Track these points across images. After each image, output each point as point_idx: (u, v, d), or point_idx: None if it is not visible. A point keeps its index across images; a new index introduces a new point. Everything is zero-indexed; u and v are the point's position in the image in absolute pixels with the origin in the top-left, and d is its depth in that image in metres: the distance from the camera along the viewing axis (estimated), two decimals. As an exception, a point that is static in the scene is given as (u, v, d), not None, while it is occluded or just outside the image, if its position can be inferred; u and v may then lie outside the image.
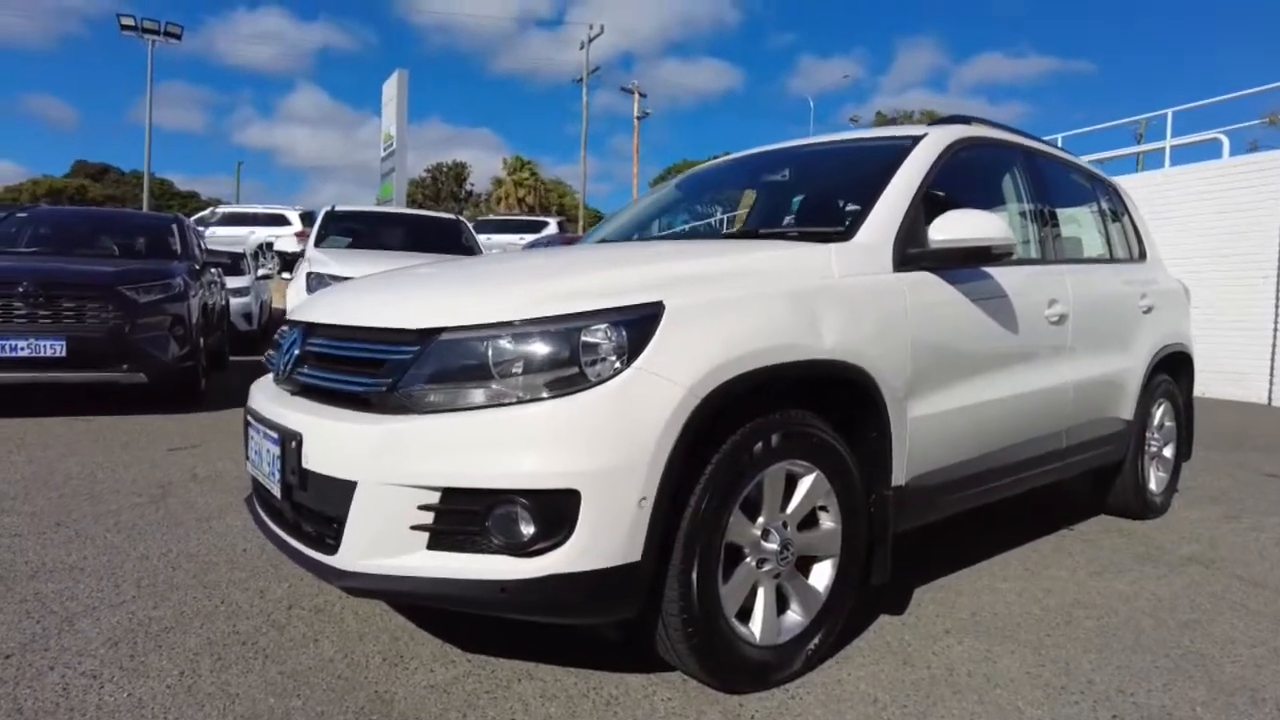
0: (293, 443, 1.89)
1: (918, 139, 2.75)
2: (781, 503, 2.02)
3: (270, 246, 16.75)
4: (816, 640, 2.08)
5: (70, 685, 1.88)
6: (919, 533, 2.56)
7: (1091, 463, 3.38)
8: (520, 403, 1.70)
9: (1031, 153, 3.34)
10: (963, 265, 2.51)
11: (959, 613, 2.52)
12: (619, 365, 1.73)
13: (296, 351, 2.14)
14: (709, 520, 1.82)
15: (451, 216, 9.09)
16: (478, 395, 1.73)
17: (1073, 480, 3.46)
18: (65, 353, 5.27)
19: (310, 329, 2.15)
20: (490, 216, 29.99)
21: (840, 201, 2.99)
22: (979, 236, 2.38)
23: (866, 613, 2.43)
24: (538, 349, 1.74)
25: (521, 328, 1.75)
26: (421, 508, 1.71)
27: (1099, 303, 3.32)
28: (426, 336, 1.79)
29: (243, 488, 3.28)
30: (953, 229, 2.40)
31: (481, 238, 12.12)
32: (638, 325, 1.77)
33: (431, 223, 8.71)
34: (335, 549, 1.81)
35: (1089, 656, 2.24)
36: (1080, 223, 3.73)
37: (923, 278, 2.41)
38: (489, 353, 1.75)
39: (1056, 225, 3.30)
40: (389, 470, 1.72)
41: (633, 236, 3.38)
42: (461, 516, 1.71)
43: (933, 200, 2.57)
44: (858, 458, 2.15)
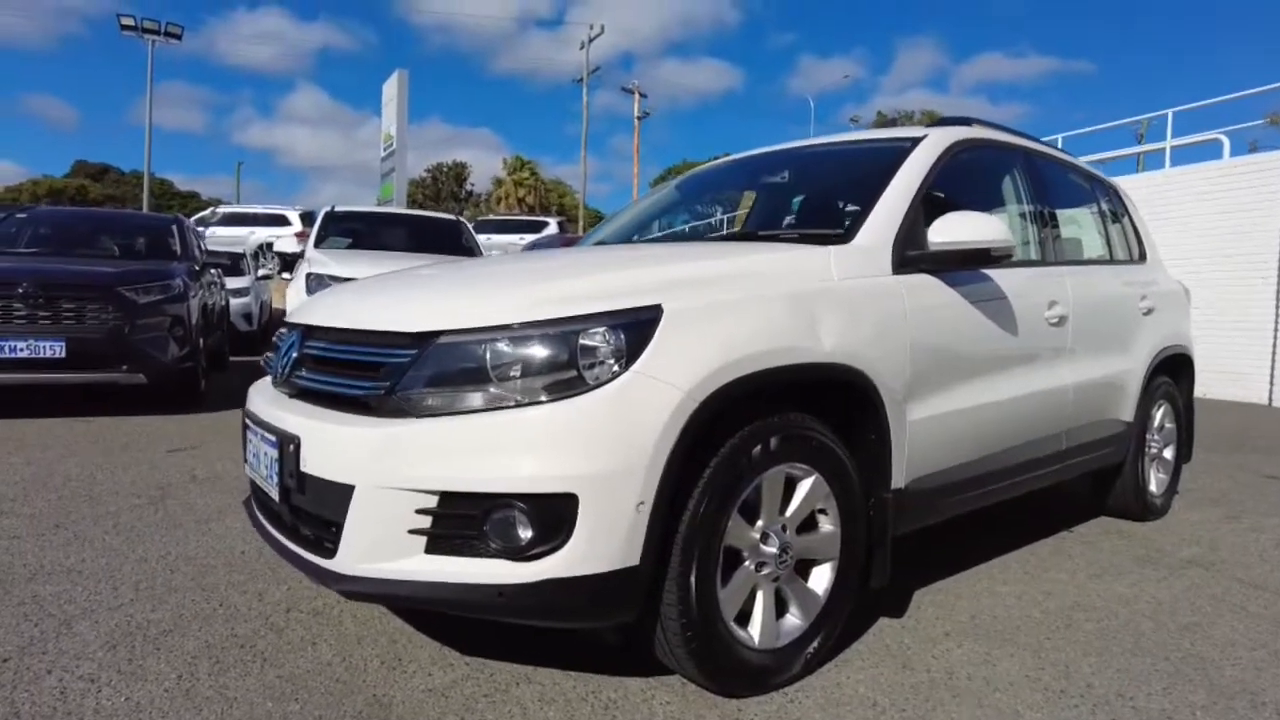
0: (291, 446, 1.89)
1: (917, 140, 2.74)
2: (780, 506, 2.01)
3: (270, 247, 16.74)
4: (815, 644, 2.07)
5: (68, 689, 1.88)
6: (918, 535, 2.56)
7: (1091, 465, 3.38)
8: (518, 406, 1.70)
9: (1031, 154, 3.33)
10: (962, 267, 2.51)
11: (958, 615, 2.52)
12: (617, 369, 1.72)
13: (294, 354, 2.13)
14: (707, 524, 1.82)
15: (451, 217, 9.11)
16: (475, 399, 1.72)
17: (1072, 482, 3.45)
18: (65, 353, 5.27)
19: (308, 332, 2.14)
20: (490, 216, 30.00)
21: (840, 203, 2.99)
22: (978, 239, 2.38)
23: (866, 615, 2.42)
24: (536, 352, 1.73)
25: (519, 331, 1.75)
26: (419, 511, 1.70)
27: (1099, 304, 3.32)
28: (424, 340, 1.79)
29: (241, 489, 3.27)
30: (952, 231, 2.39)
31: (482, 238, 12.14)
32: (636, 328, 1.76)
33: (431, 223, 8.72)
34: (333, 553, 1.80)
35: (1089, 660, 2.24)
36: (1080, 224, 3.72)
37: (922, 280, 2.41)
38: (487, 356, 1.74)
39: (1056, 226, 3.30)
40: (387, 474, 1.72)
41: (632, 238, 3.37)
42: (459, 520, 1.70)
43: (933, 201, 2.57)
44: (857, 460, 2.15)
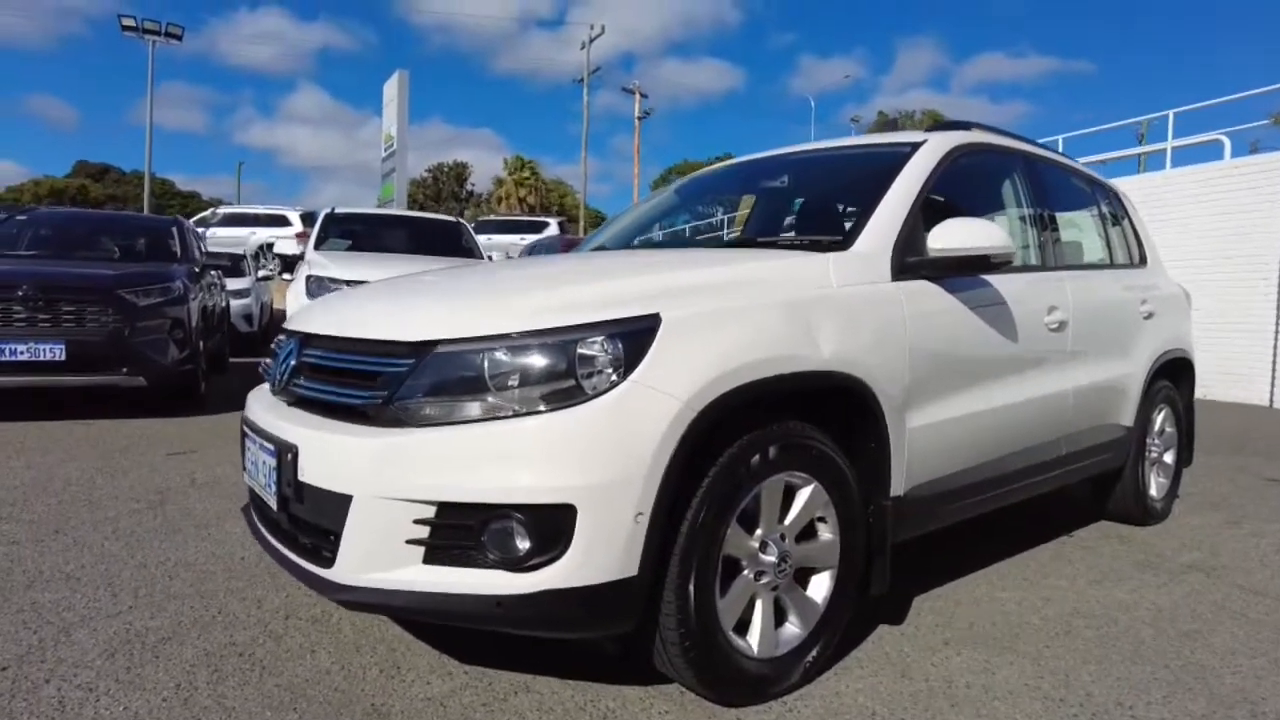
0: (289, 455, 1.89)
1: (917, 145, 2.73)
2: (779, 515, 2.01)
3: (271, 247, 16.74)
4: (815, 652, 2.07)
5: (66, 698, 1.88)
6: (918, 541, 2.55)
7: (1091, 470, 3.37)
8: (516, 416, 1.69)
9: (1031, 158, 3.33)
10: (961, 273, 2.51)
11: (958, 623, 2.51)
12: (615, 378, 1.72)
13: (293, 362, 2.13)
14: (706, 533, 1.82)
15: (451, 219, 9.13)
16: (473, 408, 1.72)
17: (1073, 486, 3.45)
18: (65, 356, 5.28)
19: (306, 340, 2.14)
20: (491, 217, 30.01)
21: (839, 209, 2.98)
22: (977, 245, 2.37)
23: (865, 623, 2.42)
24: (534, 362, 1.73)
25: (518, 340, 1.74)
26: (417, 522, 1.70)
27: (1099, 309, 3.31)
28: (422, 349, 1.79)
29: (241, 493, 3.27)
30: (951, 238, 2.38)
31: (482, 238, 12.16)
32: (634, 338, 1.76)
33: (431, 225, 8.73)
34: (331, 562, 1.80)
35: (1088, 668, 2.23)
36: (1080, 228, 3.72)
37: (921, 286, 2.40)
38: (485, 365, 1.74)
39: (1056, 231, 3.29)
40: (384, 484, 1.71)
41: (631, 243, 3.37)
42: (457, 531, 1.70)
43: (932, 206, 2.56)
44: (856, 468, 2.15)
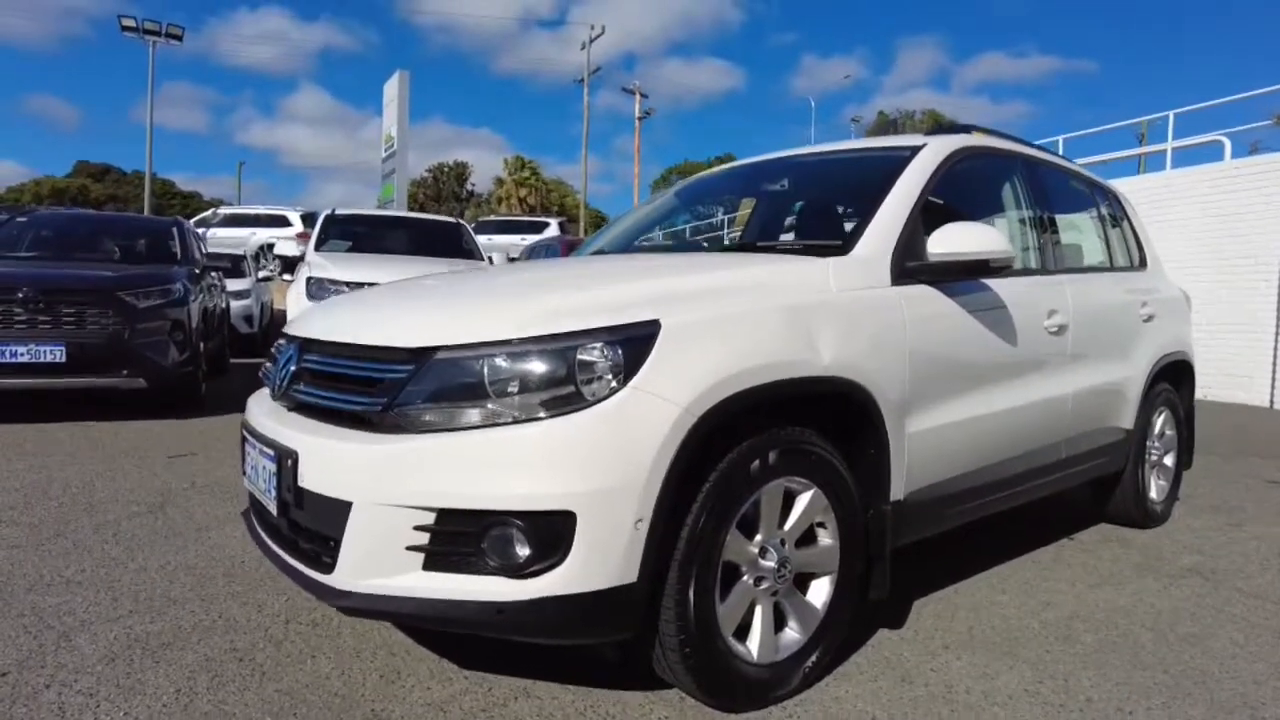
0: (289, 461, 1.89)
1: (917, 149, 2.73)
2: (779, 520, 2.01)
3: (271, 248, 16.74)
4: (814, 657, 2.07)
5: (66, 704, 1.88)
6: (917, 543, 2.55)
7: (1091, 473, 3.38)
8: (516, 423, 1.70)
9: (1031, 161, 3.33)
10: (961, 278, 2.51)
11: (958, 627, 2.51)
12: (615, 384, 1.72)
13: (293, 368, 2.13)
14: (706, 539, 1.82)
15: (452, 220, 9.16)
16: (473, 415, 1.72)
17: (1073, 489, 3.44)
18: (65, 358, 5.28)
19: (306, 345, 2.14)
20: (491, 217, 30.00)
21: (839, 212, 2.98)
22: (977, 250, 2.37)
23: (865, 627, 2.42)
24: (534, 368, 1.73)
25: (517, 346, 1.74)
26: (417, 528, 1.70)
27: (1099, 312, 3.31)
28: (422, 355, 1.79)
29: (241, 496, 3.27)
30: (951, 242, 2.39)
31: (482, 238, 12.17)
32: (634, 344, 1.76)
33: (431, 226, 8.73)
34: (331, 568, 1.80)
35: (1088, 673, 2.23)
36: (1080, 230, 3.72)
37: (921, 291, 2.40)
38: (485, 372, 1.74)
39: (1056, 234, 3.29)
40: (384, 490, 1.71)
41: (631, 246, 3.37)
42: (457, 538, 1.70)
43: (932, 210, 2.56)
44: (856, 473, 2.15)
